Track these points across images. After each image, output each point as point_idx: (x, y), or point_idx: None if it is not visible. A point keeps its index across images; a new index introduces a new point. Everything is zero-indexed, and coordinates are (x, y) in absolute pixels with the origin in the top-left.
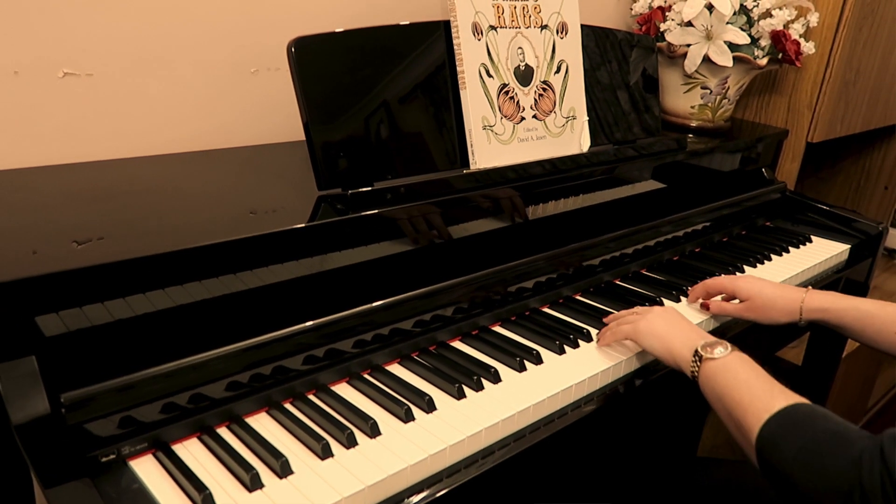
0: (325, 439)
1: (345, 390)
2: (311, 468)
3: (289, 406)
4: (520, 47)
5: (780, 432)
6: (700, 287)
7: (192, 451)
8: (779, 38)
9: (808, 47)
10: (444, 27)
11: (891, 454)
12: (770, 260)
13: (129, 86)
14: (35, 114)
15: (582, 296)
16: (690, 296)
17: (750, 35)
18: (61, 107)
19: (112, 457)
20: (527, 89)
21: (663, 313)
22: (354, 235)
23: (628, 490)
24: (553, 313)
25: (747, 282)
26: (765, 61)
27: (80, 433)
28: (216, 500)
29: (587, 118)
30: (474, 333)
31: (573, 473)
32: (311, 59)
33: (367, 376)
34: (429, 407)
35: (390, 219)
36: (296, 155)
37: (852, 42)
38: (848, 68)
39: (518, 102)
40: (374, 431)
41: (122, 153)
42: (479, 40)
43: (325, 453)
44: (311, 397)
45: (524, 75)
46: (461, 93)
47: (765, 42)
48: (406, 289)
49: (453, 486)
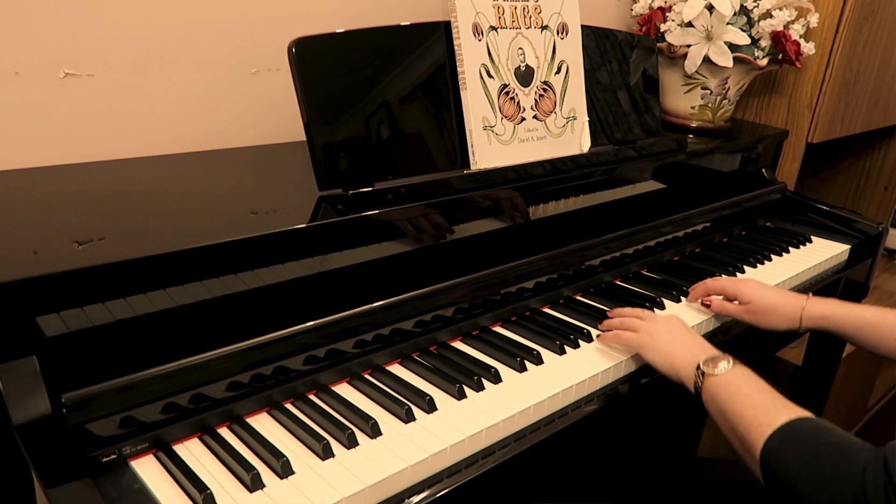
0: (325, 439)
1: (345, 390)
2: (311, 468)
3: (290, 406)
4: (520, 48)
5: (784, 447)
6: (701, 287)
7: (192, 452)
8: (779, 38)
9: (808, 48)
10: (445, 28)
11: (894, 466)
12: (770, 260)
13: (129, 86)
14: (36, 114)
15: (582, 296)
16: (691, 295)
17: (750, 36)
18: (62, 107)
19: (113, 457)
20: (527, 90)
21: (667, 325)
22: (355, 236)
23: (628, 490)
24: (553, 313)
25: (749, 286)
26: (765, 62)
27: (81, 433)
28: (217, 500)
29: (587, 119)
30: (475, 333)
31: (573, 473)
32: (312, 59)
33: (367, 376)
34: (429, 407)
35: (391, 219)
36: (296, 155)
37: (852, 42)
38: (848, 69)
39: (518, 103)
40: (374, 431)
41: (122, 153)
42: (479, 41)
43: (326, 453)
44: (312, 397)
45: (525, 76)
46: (462, 93)
47: (765, 43)
48: (407, 289)
49: (454, 486)
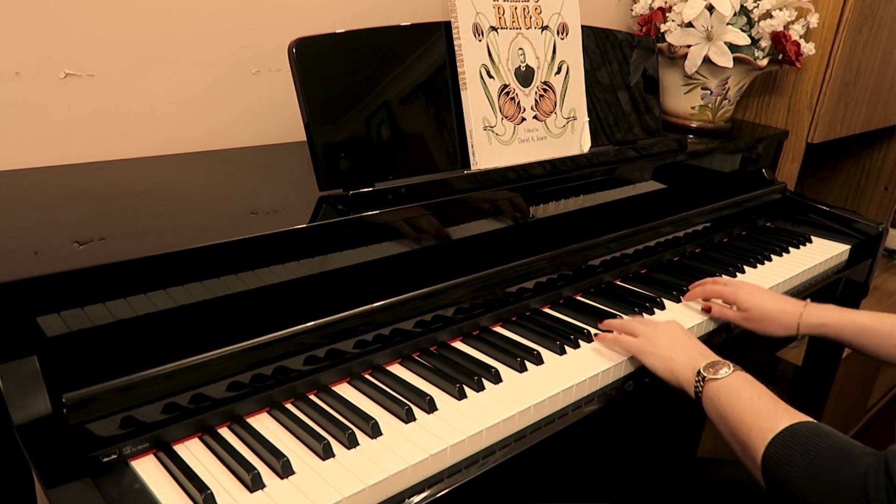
0: (326, 439)
1: (346, 390)
2: (312, 468)
3: (290, 406)
4: (520, 48)
5: (786, 451)
6: (699, 289)
7: (193, 452)
8: (779, 38)
9: (808, 48)
10: (445, 28)
11: (895, 468)
12: (770, 260)
13: (130, 86)
14: (36, 114)
15: (583, 296)
16: (689, 294)
17: (750, 36)
18: (63, 107)
19: (113, 457)
20: (527, 90)
21: (667, 331)
22: (355, 236)
23: (629, 490)
24: (554, 313)
25: (748, 292)
26: (765, 62)
27: (82, 433)
28: (217, 500)
29: (587, 119)
30: (475, 334)
31: (574, 473)
32: (312, 59)
33: (368, 376)
34: (430, 407)
35: (391, 219)
36: (297, 155)
37: (852, 43)
38: (848, 69)
39: (519, 103)
40: (375, 431)
41: (123, 154)
42: (479, 41)
43: (327, 453)
44: (313, 397)
45: (525, 76)
46: (462, 93)
47: (765, 43)
48: (407, 289)
49: (454, 486)
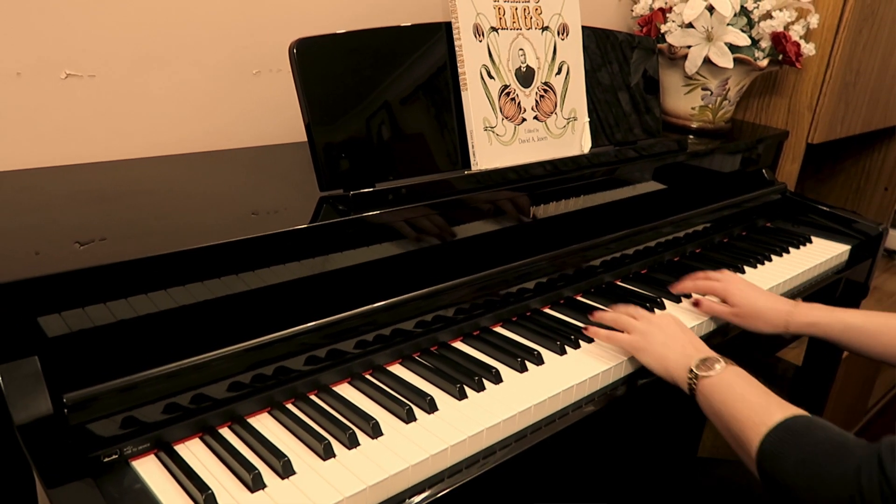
0: (326, 439)
1: (346, 391)
2: (312, 468)
3: (291, 406)
4: (521, 48)
5: (780, 445)
6: (691, 283)
7: (194, 452)
8: (779, 39)
9: (808, 49)
10: (446, 28)
11: (888, 462)
12: (770, 261)
13: (130, 87)
14: (37, 115)
15: (583, 296)
16: (679, 286)
17: (750, 37)
18: (63, 108)
19: (114, 457)
20: (528, 90)
21: (660, 326)
22: (356, 236)
23: (629, 490)
24: (554, 314)
25: (739, 289)
26: (765, 63)
27: (83, 433)
28: (218, 501)
29: (588, 119)
30: (475, 334)
31: (574, 473)
32: (313, 60)
33: (368, 377)
34: (430, 407)
35: (392, 220)
36: (297, 156)
37: (852, 43)
38: (848, 70)
39: (519, 103)
40: (375, 432)
41: (123, 154)
42: (480, 41)
43: (327, 453)
44: (313, 398)
45: (525, 76)
46: (462, 94)
47: (765, 43)
48: (408, 289)
49: (455, 486)
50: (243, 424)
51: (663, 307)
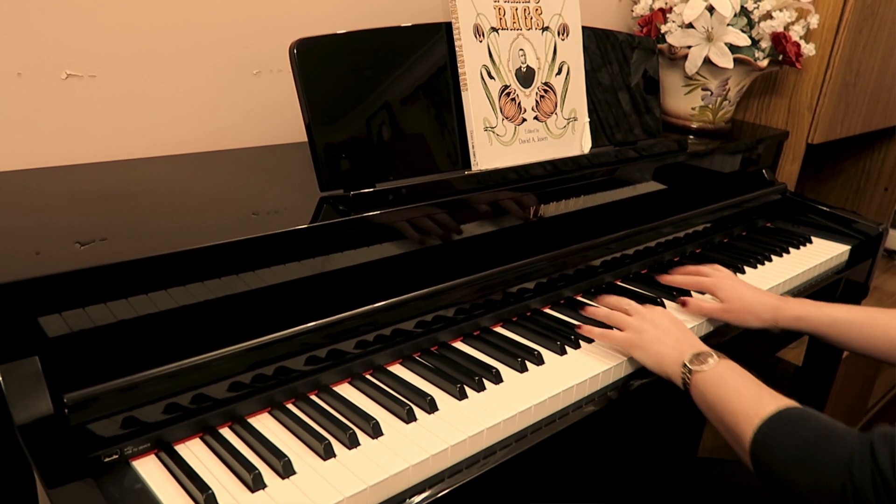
0: (327, 439)
1: (347, 391)
2: (313, 468)
3: (291, 406)
4: (521, 49)
5: (773, 435)
6: (681, 278)
7: (194, 452)
8: (779, 39)
9: (808, 49)
10: (446, 29)
11: (881, 451)
12: (770, 261)
13: (131, 87)
14: (38, 115)
15: (583, 296)
16: (670, 278)
17: (750, 37)
18: (64, 108)
19: (115, 457)
20: (528, 91)
21: (654, 321)
22: (356, 236)
23: (629, 490)
24: (554, 314)
25: (727, 284)
26: (765, 63)
27: (83, 433)
28: (219, 501)
29: (588, 119)
30: (476, 334)
31: (574, 473)
32: (313, 60)
33: (369, 377)
34: (430, 407)
35: (392, 220)
36: (298, 156)
37: (852, 44)
38: (848, 70)
39: (519, 104)
40: (376, 432)
41: (124, 154)
42: (480, 42)
43: (328, 453)
44: (314, 398)
45: (525, 77)
46: (462, 94)
47: (765, 44)
48: (408, 289)
49: (455, 486)
50: (244, 424)
51: (664, 307)
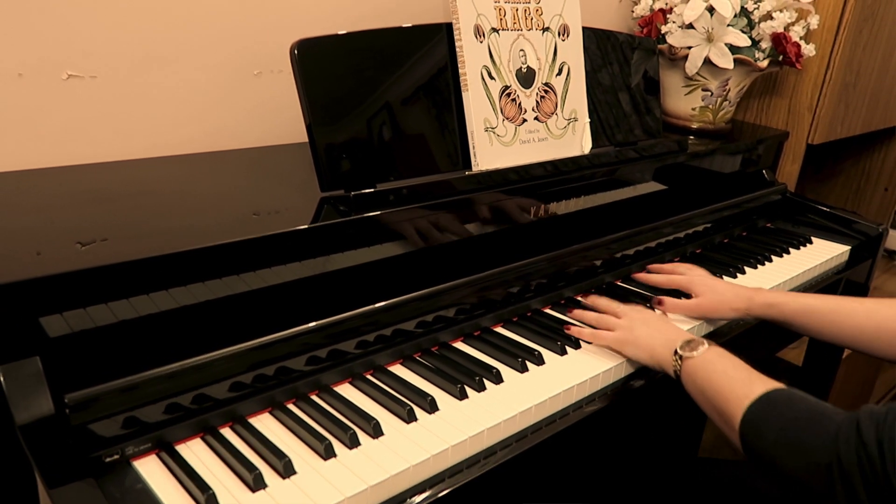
0: (327, 440)
1: (347, 391)
2: (314, 468)
3: (292, 406)
4: (521, 49)
5: (761, 416)
6: (657, 277)
7: (195, 452)
8: (779, 40)
9: (808, 49)
10: (447, 29)
11: (867, 429)
12: (770, 261)
13: (132, 88)
14: (39, 115)
15: (583, 297)
16: (647, 277)
17: (751, 37)
18: (65, 108)
19: (116, 457)
20: (528, 91)
21: (643, 319)
22: (357, 237)
23: (629, 490)
24: (555, 314)
25: (701, 280)
26: (765, 63)
27: (84, 433)
28: (219, 500)
29: (588, 120)
30: (476, 334)
31: (575, 473)
32: (314, 61)
33: (369, 377)
34: (431, 407)
35: (393, 220)
36: (299, 156)
37: (852, 44)
38: (848, 70)
39: (520, 104)
40: (376, 432)
41: (125, 155)
42: (481, 42)
43: (328, 453)
44: (314, 398)
45: (526, 77)
46: (463, 95)
47: (765, 44)
48: (408, 290)
49: (455, 487)
50: (244, 424)
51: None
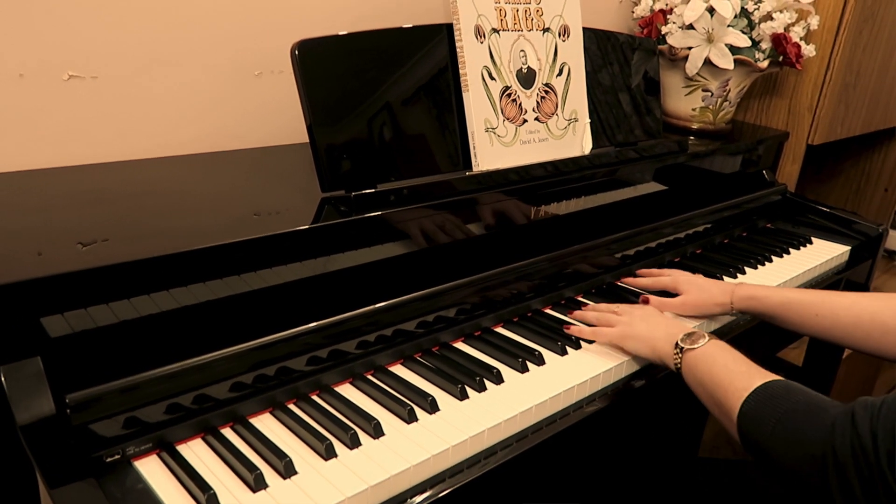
0: (328, 440)
1: (348, 391)
2: (314, 468)
3: (292, 407)
4: (522, 50)
5: (759, 407)
6: (643, 280)
7: (196, 452)
8: (779, 40)
9: (808, 50)
10: (447, 30)
11: (862, 420)
12: (770, 261)
13: (133, 88)
14: (40, 116)
15: (584, 297)
16: (635, 280)
17: (751, 38)
18: (66, 109)
19: (117, 457)
20: (529, 92)
21: (643, 315)
22: (358, 237)
23: (629, 490)
24: (555, 314)
25: (686, 276)
26: (765, 64)
27: (85, 433)
28: (220, 501)
29: (589, 120)
30: (477, 334)
31: (575, 473)
32: (315, 61)
33: (370, 377)
34: (431, 407)
35: (393, 220)
36: (299, 157)
37: (852, 45)
38: (848, 71)
39: (520, 105)
40: (377, 432)
41: (126, 155)
42: (481, 43)
43: (329, 454)
44: (315, 398)
45: (526, 78)
46: (464, 95)
47: (766, 45)
48: (409, 290)
49: (456, 487)
50: (245, 425)
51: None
